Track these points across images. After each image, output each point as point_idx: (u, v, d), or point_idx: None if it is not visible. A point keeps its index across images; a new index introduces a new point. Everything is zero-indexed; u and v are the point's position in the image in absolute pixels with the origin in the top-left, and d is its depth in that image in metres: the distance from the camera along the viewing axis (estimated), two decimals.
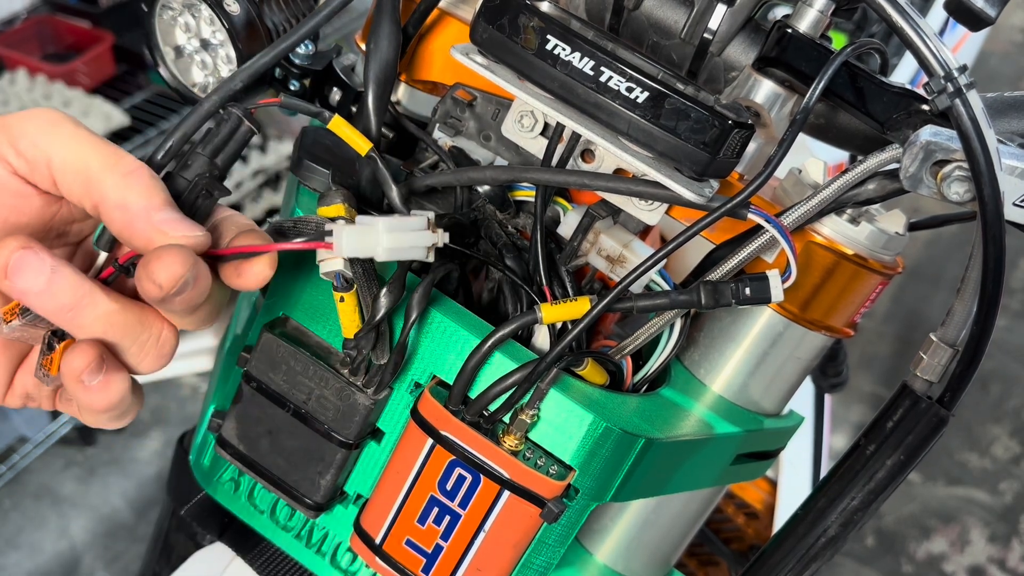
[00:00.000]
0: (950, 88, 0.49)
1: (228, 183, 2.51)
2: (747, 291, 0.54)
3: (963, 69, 0.49)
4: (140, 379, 0.52)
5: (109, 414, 0.50)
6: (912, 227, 0.64)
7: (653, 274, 0.58)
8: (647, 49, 0.62)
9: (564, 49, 0.51)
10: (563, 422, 0.54)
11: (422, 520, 0.56)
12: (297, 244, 0.52)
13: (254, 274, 0.51)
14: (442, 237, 0.53)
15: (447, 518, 0.56)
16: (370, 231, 0.51)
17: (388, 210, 0.63)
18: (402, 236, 0.51)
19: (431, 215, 0.53)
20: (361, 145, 0.56)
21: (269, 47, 0.58)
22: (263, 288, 0.63)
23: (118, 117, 2.36)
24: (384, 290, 0.53)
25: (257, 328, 0.60)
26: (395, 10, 0.61)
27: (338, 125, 0.55)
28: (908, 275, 3.02)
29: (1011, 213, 0.52)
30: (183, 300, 0.46)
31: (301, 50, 0.65)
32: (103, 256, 0.51)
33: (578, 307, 0.54)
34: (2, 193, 0.49)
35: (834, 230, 0.58)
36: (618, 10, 0.62)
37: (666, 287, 0.58)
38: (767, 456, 0.68)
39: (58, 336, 0.49)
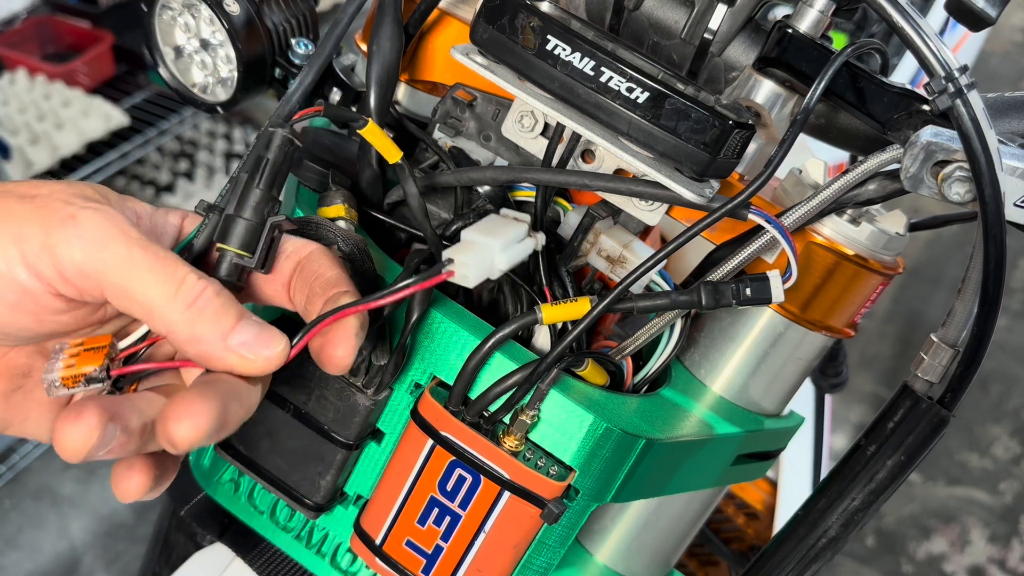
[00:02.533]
0: (951, 88, 0.49)
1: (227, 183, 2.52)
2: (748, 291, 0.54)
3: (964, 69, 0.49)
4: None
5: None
6: (913, 227, 0.63)
7: (653, 274, 0.58)
8: (647, 49, 0.62)
9: (564, 49, 0.51)
10: (563, 423, 0.54)
11: (422, 521, 0.56)
12: (416, 286, 0.49)
13: (337, 360, 0.46)
14: (540, 240, 0.53)
15: (447, 519, 0.56)
16: (487, 254, 0.50)
17: (389, 210, 0.63)
18: (513, 250, 0.51)
19: (527, 219, 0.52)
20: (392, 153, 0.55)
21: (310, 63, 0.57)
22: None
23: (118, 117, 2.37)
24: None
25: None
26: (397, 10, 0.61)
27: (371, 132, 0.55)
28: (909, 275, 3.02)
29: (1012, 213, 0.52)
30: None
31: (301, 50, 0.65)
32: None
33: (578, 307, 0.54)
34: (43, 311, 0.45)
35: (835, 230, 0.58)
36: (618, 10, 0.61)
37: (666, 287, 0.58)
38: (767, 456, 0.68)
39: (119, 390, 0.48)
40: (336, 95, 0.68)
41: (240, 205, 0.48)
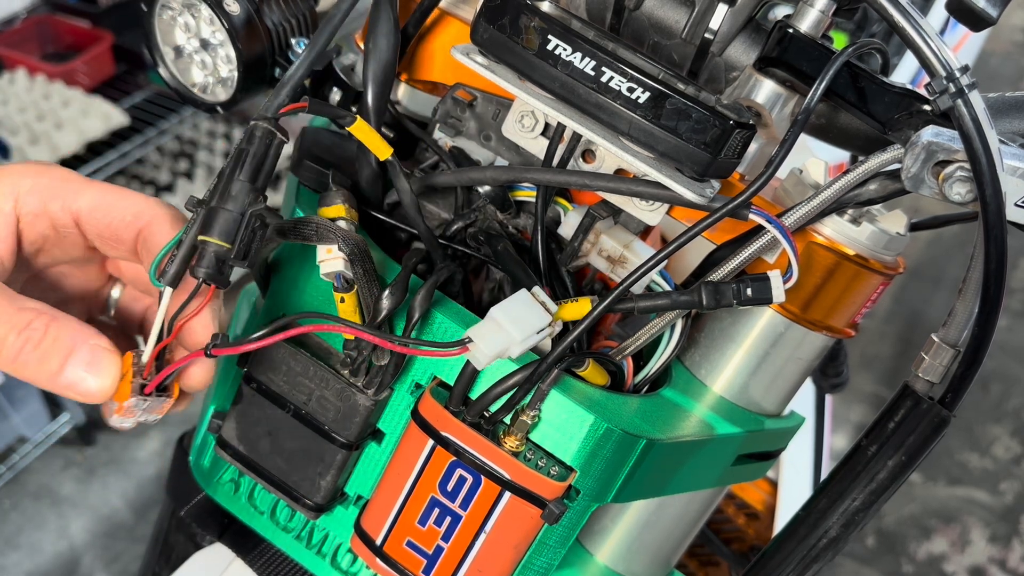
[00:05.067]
0: (952, 88, 0.48)
1: None
2: (748, 292, 0.54)
3: (965, 69, 0.49)
4: None
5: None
6: (913, 227, 0.63)
7: (654, 275, 0.58)
8: (648, 49, 0.62)
9: (565, 49, 0.51)
10: (564, 423, 0.54)
11: (423, 521, 0.56)
12: (432, 351, 0.52)
13: (191, 384, 0.54)
14: (556, 329, 0.53)
15: (448, 519, 0.56)
16: (506, 343, 0.51)
17: (389, 210, 0.63)
18: (530, 341, 0.52)
19: (554, 309, 0.53)
20: (382, 150, 0.55)
21: (300, 58, 0.56)
22: (263, 288, 0.63)
23: (118, 117, 2.36)
24: (387, 292, 0.53)
25: (258, 329, 0.60)
26: (393, 9, 0.60)
27: (360, 129, 0.55)
28: (909, 275, 3.02)
29: (1012, 213, 0.52)
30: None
31: (301, 50, 0.65)
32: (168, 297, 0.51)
33: (579, 308, 0.54)
34: None
35: (835, 230, 0.58)
36: (619, 10, 0.61)
37: (667, 288, 0.58)
38: (768, 457, 0.68)
39: (164, 392, 0.53)
40: (336, 95, 0.68)
41: (222, 197, 0.49)
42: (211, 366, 0.54)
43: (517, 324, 0.51)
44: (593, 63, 0.50)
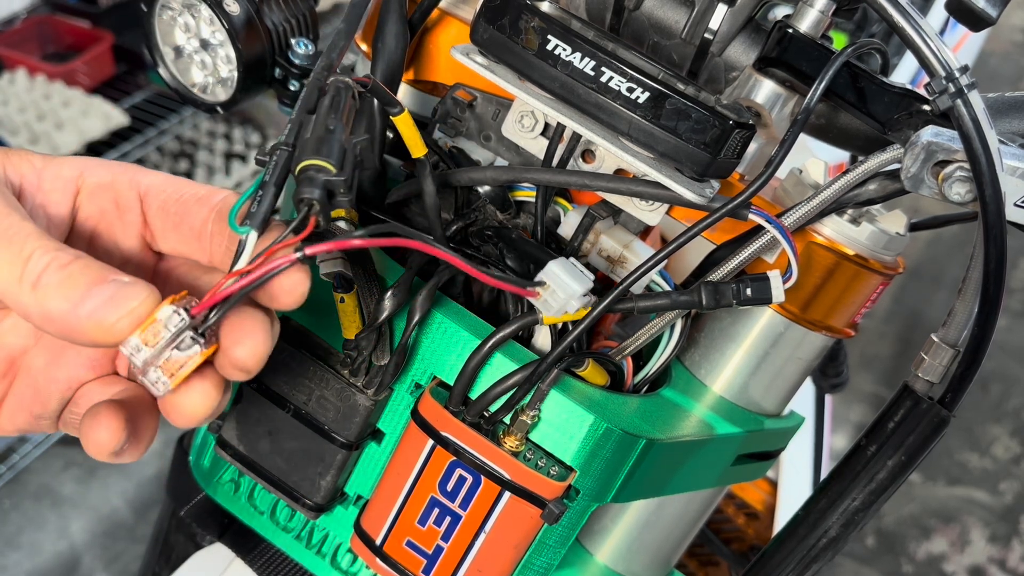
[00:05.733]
0: (951, 88, 0.49)
1: (227, 183, 2.50)
2: (748, 292, 0.54)
3: (964, 69, 0.49)
4: None
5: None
6: (913, 227, 0.63)
7: (654, 274, 0.58)
8: (648, 49, 0.62)
9: (565, 49, 0.51)
10: (564, 423, 0.54)
11: (423, 521, 0.56)
12: (498, 282, 0.49)
13: (239, 362, 0.42)
14: (590, 273, 0.53)
15: (448, 519, 0.56)
16: (568, 297, 0.51)
17: (389, 210, 0.63)
18: (582, 302, 0.51)
19: (592, 277, 0.53)
20: (419, 147, 0.55)
21: (338, 33, 0.53)
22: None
23: (118, 117, 2.36)
24: (389, 292, 0.53)
25: None
26: (402, 8, 0.60)
27: (404, 122, 0.54)
28: (909, 275, 3.02)
29: (1012, 213, 0.52)
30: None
31: (301, 50, 0.65)
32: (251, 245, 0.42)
33: None
34: None
35: (835, 230, 0.58)
36: (619, 10, 0.61)
37: (667, 288, 0.58)
38: (768, 456, 0.68)
39: (202, 336, 0.41)
40: None
41: (319, 128, 0.43)
42: (267, 340, 0.42)
43: (575, 279, 0.51)
44: (593, 63, 0.50)
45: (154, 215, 0.48)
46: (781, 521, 1.26)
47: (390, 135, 0.67)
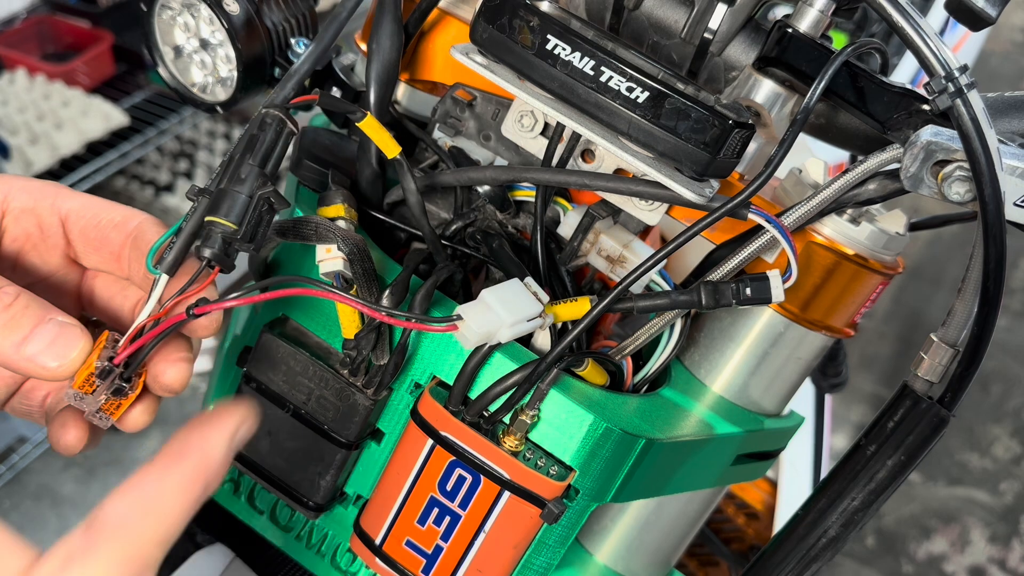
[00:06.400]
0: (951, 88, 0.48)
1: None
2: (748, 291, 0.54)
3: (964, 69, 0.49)
4: None
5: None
6: (913, 227, 0.63)
7: (653, 274, 0.58)
8: (647, 49, 0.62)
9: (564, 49, 0.51)
10: (563, 422, 0.54)
11: (422, 521, 0.56)
12: (413, 324, 0.52)
13: (166, 383, 0.49)
14: (548, 321, 0.54)
15: (447, 519, 0.56)
16: (495, 325, 0.51)
17: (388, 209, 0.63)
18: (519, 328, 0.52)
19: (546, 300, 0.54)
20: (390, 148, 0.55)
21: (309, 52, 0.56)
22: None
23: (117, 117, 2.36)
24: (387, 292, 0.53)
25: (256, 328, 0.60)
26: (397, 9, 0.61)
27: (369, 125, 0.54)
28: (909, 275, 3.02)
29: (1012, 213, 0.52)
30: None
31: (300, 49, 0.65)
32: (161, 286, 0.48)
33: (578, 307, 0.54)
34: None
35: (835, 230, 0.58)
36: (618, 10, 0.61)
37: (666, 287, 0.58)
38: (767, 456, 0.68)
39: (128, 383, 0.48)
40: (336, 94, 0.68)
41: (230, 180, 0.48)
42: (188, 364, 0.49)
43: (507, 308, 0.51)
44: (592, 63, 0.50)
45: (76, 238, 0.52)
46: (781, 521, 1.26)
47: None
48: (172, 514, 0.42)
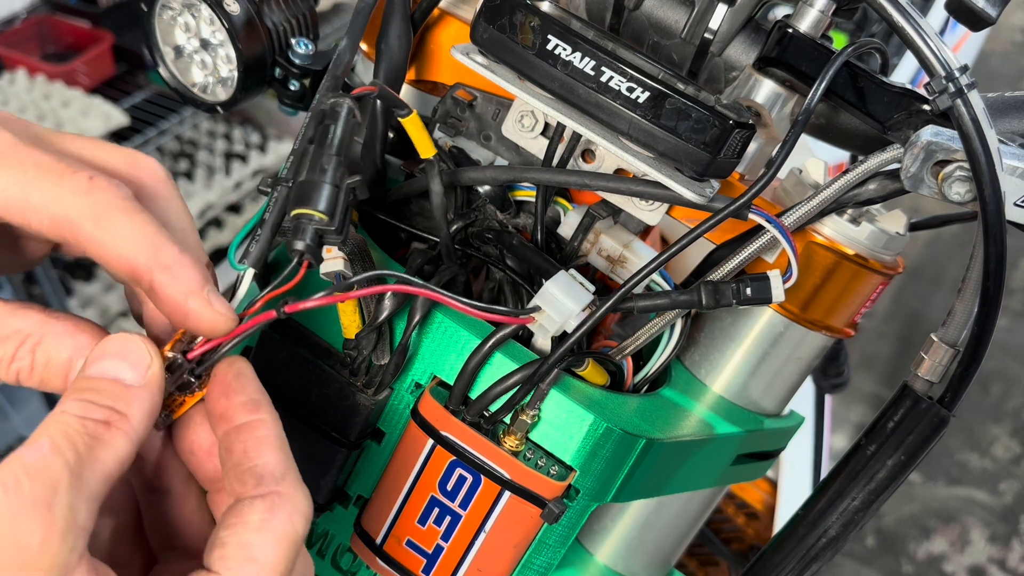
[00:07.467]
0: (951, 88, 0.49)
1: (227, 183, 2.50)
2: (748, 291, 0.54)
3: (964, 69, 0.49)
4: None
5: None
6: (913, 227, 0.63)
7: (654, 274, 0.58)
8: (648, 49, 0.62)
9: (565, 49, 0.51)
10: (564, 422, 0.54)
11: (423, 521, 0.56)
12: (506, 318, 0.52)
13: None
14: (590, 285, 0.55)
15: (448, 519, 0.56)
16: (566, 317, 0.53)
17: (389, 209, 0.63)
18: (579, 319, 0.53)
19: (592, 289, 0.55)
20: (428, 148, 0.56)
21: (345, 45, 0.55)
22: (263, 288, 0.63)
23: (118, 117, 2.36)
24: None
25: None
26: (406, 9, 0.61)
27: (413, 123, 0.55)
28: (909, 275, 3.02)
29: (1012, 213, 0.52)
30: None
31: (301, 49, 0.65)
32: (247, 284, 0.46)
33: None
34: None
35: (835, 230, 0.58)
36: (618, 10, 0.61)
37: (667, 287, 0.58)
38: (768, 456, 0.68)
39: (197, 379, 0.46)
40: None
41: (310, 170, 0.45)
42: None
43: (572, 298, 0.53)
44: (593, 63, 0.50)
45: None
46: (781, 521, 1.26)
47: (390, 135, 0.67)
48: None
